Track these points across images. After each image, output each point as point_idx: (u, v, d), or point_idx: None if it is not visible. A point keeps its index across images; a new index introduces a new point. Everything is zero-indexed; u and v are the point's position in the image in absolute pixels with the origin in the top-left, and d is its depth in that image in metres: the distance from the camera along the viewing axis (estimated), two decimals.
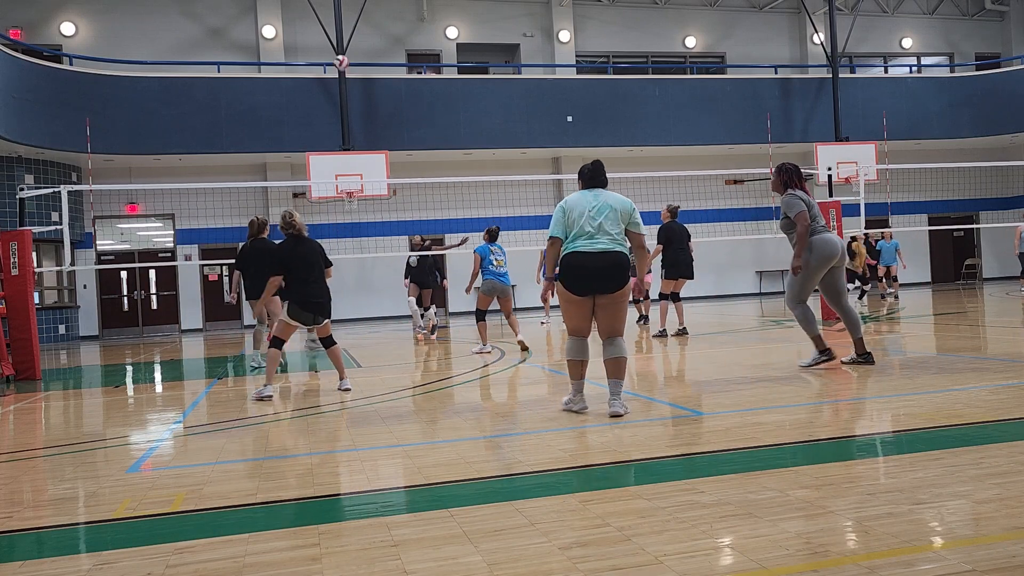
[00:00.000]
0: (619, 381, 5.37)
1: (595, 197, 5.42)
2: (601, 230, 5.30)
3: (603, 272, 5.24)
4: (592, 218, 5.32)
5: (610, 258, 5.26)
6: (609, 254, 5.26)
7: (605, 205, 5.37)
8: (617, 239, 5.32)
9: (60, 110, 18.27)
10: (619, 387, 5.36)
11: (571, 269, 5.31)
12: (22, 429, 6.53)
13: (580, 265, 5.27)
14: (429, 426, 5.45)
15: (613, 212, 5.35)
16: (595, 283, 5.28)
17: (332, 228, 21.74)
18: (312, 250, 7.45)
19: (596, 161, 5.65)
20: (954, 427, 4.50)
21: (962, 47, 27.53)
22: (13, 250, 10.38)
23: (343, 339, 15.39)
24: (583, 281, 5.29)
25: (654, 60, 25.34)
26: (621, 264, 5.28)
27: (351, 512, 3.54)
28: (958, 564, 2.51)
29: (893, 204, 22.71)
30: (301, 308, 7.33)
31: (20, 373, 10.16)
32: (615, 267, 5.26)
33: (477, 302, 10.86)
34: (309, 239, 7.53)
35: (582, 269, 5.27)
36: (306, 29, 21.77)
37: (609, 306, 5.34)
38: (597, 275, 5.25)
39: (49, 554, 3.19)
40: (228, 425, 5.94)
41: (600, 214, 5.33)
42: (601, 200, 5.39)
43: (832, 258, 7.06)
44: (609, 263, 5.25)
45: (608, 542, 2.89)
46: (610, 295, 5.30)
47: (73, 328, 20.46)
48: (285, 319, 7.37)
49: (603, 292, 5.30)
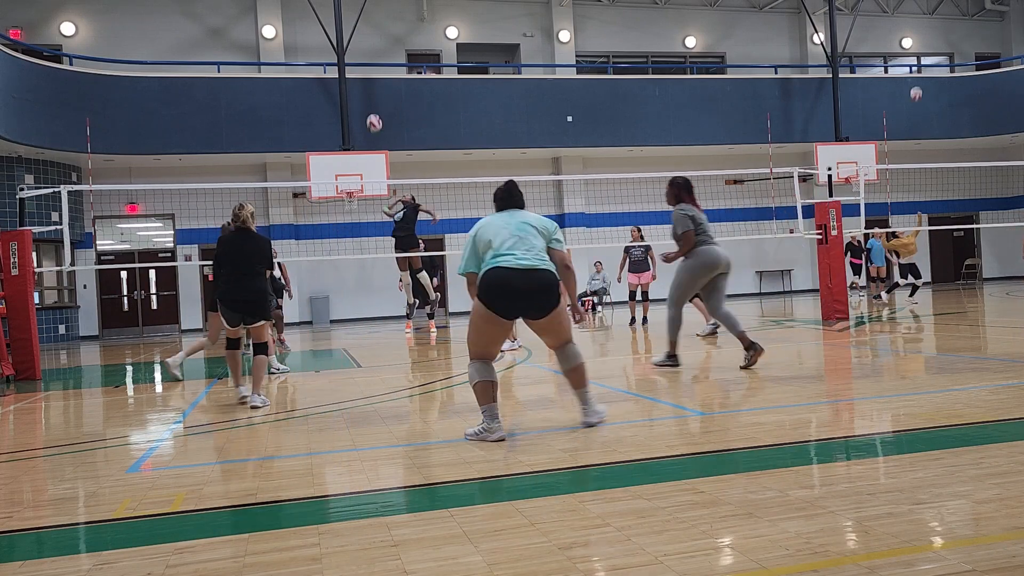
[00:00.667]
0: (585, 389, 5.05)
1: (511, 216, 4.96)
2: (523, 246, 4.80)
3: (532, 296, 4.75)
4: (512, 235, 4.83)
5: (538, 279, 4.74)
6: (537, 273, 4.74)
7: (523, 223, 4.91)
8: (542, 256, 4.83)
9: (60, 110, 18.27)
10: (586, 395, 5.05)
11: (494, 287, 4.72)
12: (22, 429, 6.53)
13: (505, 282, 4.71)
14: (429, 426, 5.45)
15: (533, 229, 4.90)
16: (522, 305, 4.77)
17: (332, 228, 21.74)
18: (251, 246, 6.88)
19: (509, 181, 5.17)
20: (954, 427, 4.50)
21: (962, 47, 27.54)
22: (13, 250, 10.38)
23: (343, 339, 15.40)
24: (508, 300, 4.73)
25: (654, 60, 25.34)
26: (550, 286, 4.80)
27: (351, 512, 3.54)
28: (958, 564, 2.51)
29: (893, 204, 22.70)
30: (226, 307, 6.88)
31: (20, 373, 10.16)
32: (544, 292, 4.77)
33: None
34: (255, 234, 6.99)
35: (507, 287, 4.70)
36: (306, 29, 21.77)
37: (547, 324, 4.90)
38: (525, 297, 4.74)
39: (49, 554, 3.19)
40: (228, 425, 5.94)
41: (520, 230, 4.86)
42: (518, 218, 4.94)
43: (715, 268, 7.56)
44: (537, 285, 4.74)
45: (608, 542, 2.89)
46: (546, 317, 4.87)
47: (73, 328, 20.46)
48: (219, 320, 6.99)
49: (532, 318, 4.87)
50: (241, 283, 6.80)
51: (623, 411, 5.88)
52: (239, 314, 6.85)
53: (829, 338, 10.26)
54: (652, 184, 21.78)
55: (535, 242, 4.86)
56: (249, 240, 6.90)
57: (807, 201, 16.06)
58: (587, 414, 5.04)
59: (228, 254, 6.89)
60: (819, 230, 13.23)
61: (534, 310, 4.83)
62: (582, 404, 5.06)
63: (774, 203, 21.93)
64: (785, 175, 18.22)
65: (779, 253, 25.05)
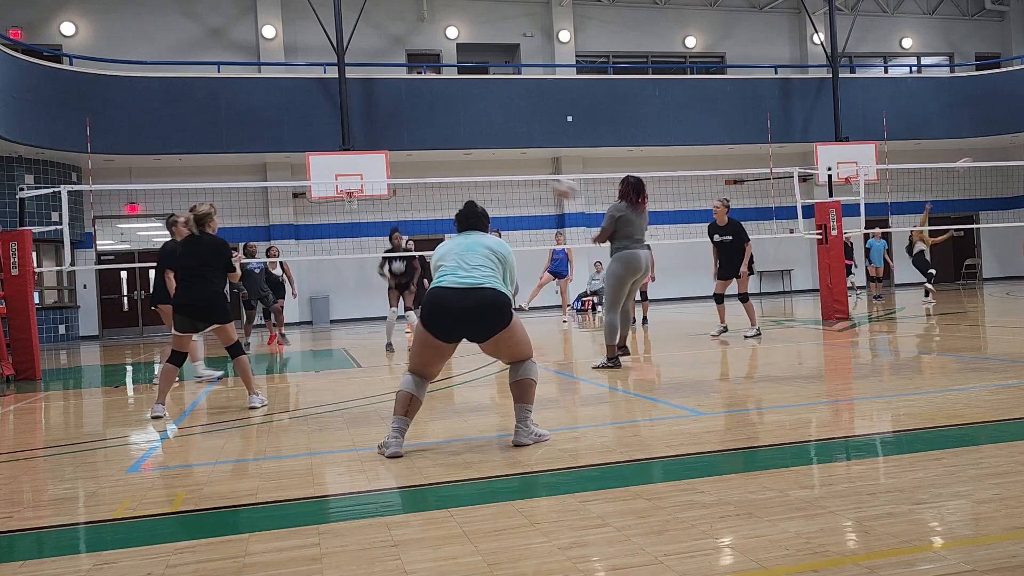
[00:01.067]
0: (525, 406, 4.56)
1: (466, 236, 4.71)
2: (468, 264, 4.50)
3: (470, 315, 4.40)
4: (459, 255, 4.56)
5: (478, 298, 4.40)
6: (477, 292, 4.41)
7: (475, 242, 4.62)
8: (489, 275, 4.48)
9: (60, 110, 18.27)
10: (525, 412, 4.55)
11: (431, 307, 4.46)
12: (22, 429, 6.53)
13: (441, 301, 4.43)
14: (429, 426, 5.45)
15: (486, 248, 4.59)
16: (460, 326, 4.43)
17: (332, 228, 21.74)
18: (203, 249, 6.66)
19: (468, 203, 4.89)
20: (954, 427, 4.50)
21: (962, 47, 27.54)
22: (13, 250, 10.38)
23: (343, 339, 15.40)
24: (444, 322, 4.43)
25: (654, 60, 25.34)
26: (492, 305, 4.42)
27: (351, 512, 3.54)
28: (958, 564, 2.51)
29: (893, 204, 22.70)
30: (177, 312, 6.65)
31: (20, 373, 10.16)
32: (484, 310, 4.41)
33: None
34: (209, 236, 6.76)
35: (443, 307, 4.42)
36: (306, 29, 21.77)
37: (494, 345, 4.54)
38: (463, 317, 4.40)
39: (49, 554, 3.19)
40: (228, 425, 5.94)
41: (469, 250, 4.57)
42: (473, 239, 4.66)
43: (638, 270, 7.99)
44: (476, 304, 4.39)
45: (608, 542, 2.89)
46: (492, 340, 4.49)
47: (73, 328, 20.46)
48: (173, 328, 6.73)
49: (473, 338, 4.50)
50: (191, 287, 6.59)
51: (623, 411, 5.89)
52: (188, 319, 6.60)
53: (829, 338, 10.26)
54: (652, 184, 21.74)
55: (482, 261, 4.53)
56: (204, 242, 6.71)
57: (807, 201, 16.05)
58: (518, 433, 4.55)
59: (180, 256, 6.77)
60: (819, 230, 13.24)
61: (475, 332, 4.47)
62: (516, 420, 4.56)
63: (774, 203, 21.91)
64: (785, 175, 18.23)
65: (779, 253, 25.04)
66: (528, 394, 4.58)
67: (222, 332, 6.70)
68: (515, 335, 4.55)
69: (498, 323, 4.46)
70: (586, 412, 5.86)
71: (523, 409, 4.57)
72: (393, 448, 4.46)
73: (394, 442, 4.48)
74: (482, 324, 4.45)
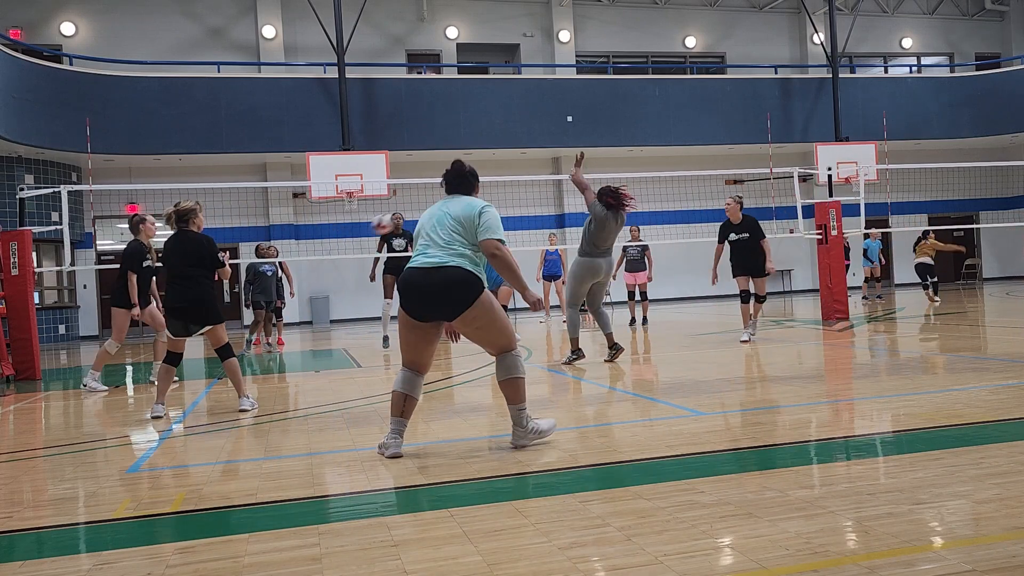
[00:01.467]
0: (518, 406, 4.46)
1: (441, 206, 4.58)
2: (433, 242, 4.45)
3: (435, 293, 4.35)
4: (431, 231, 4.50)
5: (440, 277, 4.35)
6: (440, 271, 4.35)
7: (443, 214, 4.50)
8: (456, 250, 4.40)
9: (60, 110, 18.27)
10: (519, 413, 4.46)
11: (403, 287, 4.47)
12: (22, 429, 6.53)
13: (408, 282, 4.43)
14: (429, 426, 5.45)
15: (452, 220, 4.46)
16: (428, 305, 4.40)
17: (332, 228, 21.74)
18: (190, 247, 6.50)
19: (454, 162, 4.76)
20: (954, 427, 4.50)
21: (962, 47, 27.54)
22: (13, 250, 10.37)
23: (343, 339, 15.40)
24: (414, 301, 4.41)
25: (654, 60, 25.34)
26: (455, 283, 4.35)
27: (351, 512, 3.54)
28: (958, 564, 2.51)
29: (893, 204, 22.70)
30: (168, 315, 6.55)
31: (20, 373, 10.16)
32: (450, 286, 4.34)
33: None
34: (194, 235, 6.58)
35: (409, 287, 4.42)
36: (306, 29, 21.77)
37: (467, 327, 4.47)
38: (429, 296, 4.37)
39: (49, 554, 3.19)
40: (228, 425, 5.94)
41: (438, 223, 4.48)
42: (443, 208, 4.54)
43: (597, 275, 8.60)
44: (439, 283, 4.34)
45: (608, 542, 2.89)
46: (460, 318, 4.42)
47: (73, 328, 20.45)
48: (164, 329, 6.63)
49: (442, 317, 4.46)
50: (180, 288, 6.45)
51: (623, 411, 5.88)
52: (181, 321, 6.47)
53: (829, 338, 10.26)
54: (652, 184, 21.79)
55: (451, 236, 4.43)
56: (188, 241, 6.53)
57: (807, 201, 16.06)
58: (516, 435, 4.48)
59: (168, 256, 6.56)
60: (819, 230, 13.24)
61: (445, 310, 4.41)
62: (513, 423, 4.49)
63: (774, 203, 21.89)
64: (785, 175, 18.22)
65: (779, 253, 24.94)
66: (518, 393, 4.48)
67: (212, 334, 6.56)
68: (487, 315, 4.43)
69: (464, 299, 4.36)
70: (586, 412, 5.86)
71: (517, 410, 4.48)
72: (393, 449, 4.45)
73: (393, 443, 4.47)
74: (449, 301, 4.37)
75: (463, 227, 4.44)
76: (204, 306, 6.48)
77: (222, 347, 6.62)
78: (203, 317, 6.50)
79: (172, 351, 6.63)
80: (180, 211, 6.59)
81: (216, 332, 6.56)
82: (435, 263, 4.38)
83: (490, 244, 4.42)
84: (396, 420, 4.52)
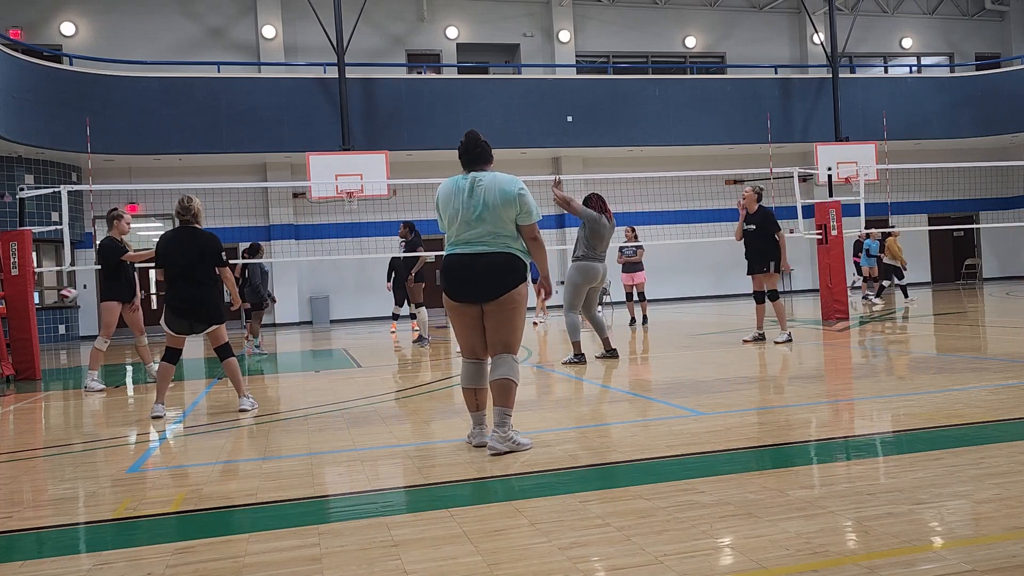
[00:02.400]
0: (504, 409, 4.43)
1: (471, 191, 4.50)
2: (474, 229, 4.46)
3: (482, 274, 4.43)
4: (466, 222, 4.48)
5: (490, 259, 4.44)
6: (490, 255, 4.44)
7: (480, 202, 4.45)
8: (497, 235, 4.45)
9: (60, 110, 18.27)
10: (504, 416, 4.43)
11: (447, 272, 4.54)
12: (22, 429, 6.53)
13: (452, 269, 4.51)
14: (429, 426, 5.45)
15: (491, 204, 4.44)
16: (472, 286, 4.46)
17: (332, 228, 21.74)
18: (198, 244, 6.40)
19: (469, 133, 4.68)
20: (954, 427, 4.50)
21: (962, 47, 27.54)
22: (13, 250, 10.37)
23: (343, 339, 15.40)
24: (460, 284, 4.49)
25: (654, 60, 25.34)
26: (506, 266, 4.44)
27: (351, 512, 3.54)
28: (958, 564, 2.51)
29: (893, 204, 22.69)
30: (172, 313, 6.40)
31: (20, 373, 10.15)
32: (499, 269, 4.43)
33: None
34: (201, 232, 6.51)
35: (457, 271, 4.49)
36: (306, 29, 21.77)
37: (495, 313, 4.47)
38: (475, 277, 4.44)
39: (49, 554, 3.19)
40: (228, 425, 5.94)
41: (472, 211, 4.46)
42: (477, 196, 4.47)
43: (594, 279, 8.76)
44: (488, 264, 4.43)
45: (608, 542, 2.89)
46: (495, 301, 4.46)
47: (73, 328, 20.45)
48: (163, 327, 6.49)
49: (486, 299, 4.47)
50: (187, 287, 6.34)
51: (622, 411, 5.88)
52: (186, 320, 6.38)
53: (829, 338, 10.25)
54: (652, 184, 21.78)
55: (489, 227, 4.45)
56: (196, 238, 6.44)
57: (807, 201, 16.05)
58: (495, 438, 4.41)
59: (172, 254, 6.39)
60: (819, 230, 13.24)
61: (483, 292, 4.45)
62: (495, 425, 4.44)
63: (774, 203, 21.85)
64: (785, 175, 18.21)
65: None
66: (509, 396, 4.46)
67: (214, 333, 6.50)
68: (518, 306, 4.51)
69: (505, 284, 4.45)
70: (586, 412, 5.87)
71: (502, 413, 4.44)
72: (478, 439, 4.61)
73: (478, 431, 4.63)
74: (495, 282, 4.43)
75: (503, 210, 4.45)
76: (210, 306, 6.42)
77: (221, 346, 6.55)
78: (208, 317, 6.43)
79: (171, 347, 6.51)
80: (195, 210, 6.49)
81: (218, 332, 6.51)
82: (483, 250, 4.45)
83: (532, 229, 4.51)
84: (475, 415, 4.65)
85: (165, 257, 6.42)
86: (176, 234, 6.45)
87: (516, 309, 4.50)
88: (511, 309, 4.48)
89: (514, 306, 4.48)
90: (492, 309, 4.48)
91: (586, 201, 8.81)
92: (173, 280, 6.35)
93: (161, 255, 6.44)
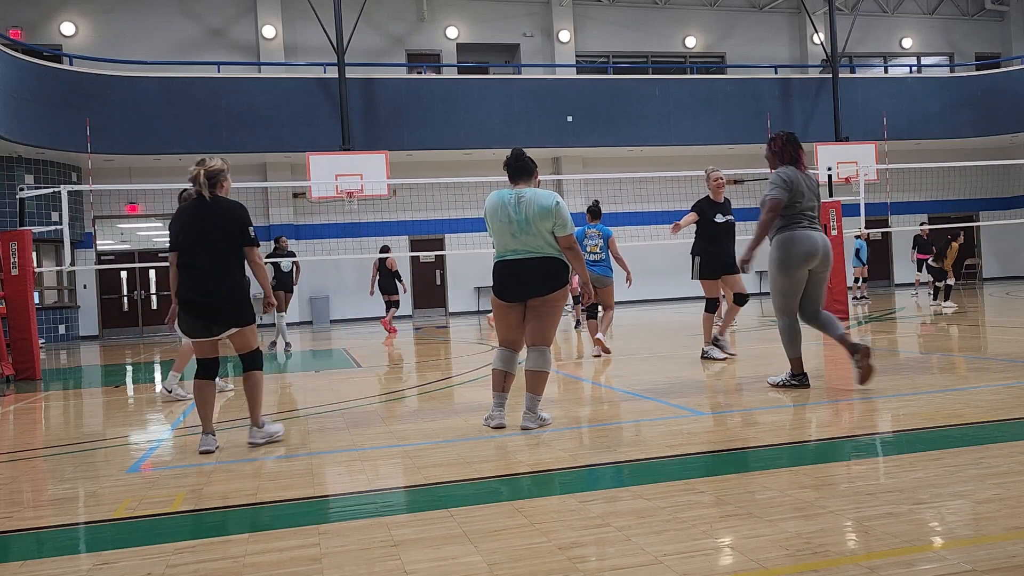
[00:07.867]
0: (536, 397, 5.06)
1: (516, 207, 4.99)
2: (520, 243, 4.99)
3: (532, 275, 4.97)
4: (512, 235, 5.00)
5: (534, 265, 4.98)
6: (538, 259, 4.98)
7: (524, 217, 4.95)
8: (540, 245, 4.98)
9: (60, 110, 18.27)
10: (534, 402, 5.05)
11: (497, 276, 5.09)
12: (22, 429, 6.53)
13: (504, 272, 5.06)
14: (429, 426, 5.45)
15: (534, 218, 4.93)
16: (522, 287, 5.00)
17: (332, 228, 21.74)
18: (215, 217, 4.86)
19: (515, 151, 5.22)
20: (954, 427, 4.50)
21: (962, 47, 27.54)
22: (13, 250, 10.37)
23: (343, 339, 15.39)
24: (509, 287, 5.03)
25: (654, 60, 25.34)
26: (548, 268, 4.98)
27: (351, 512, 3.54)
28: (958, 564, 2.51)
29: (893, 204, 22.70)
30: (184, 311, 4.88)
31: (20, 373, 10.15)
32: (548, 271, 4.98)
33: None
34: (219, 198, 4.95)
35: (506, 276, 5.04)
36: (306, 29, 21.77)
37: (539, 307, 5.01)
38: (526, 279, 4.98)
39: (49, 554, 3.19)
40: (228, 425, 5.94)
41: (521, 229, 4.97)
42: (521, 210, 4.96)
43: (812, 257, 5.94)
44: (539, 267, 4.97)
45: (608, 542, 2.89)
46: (541, 298, 5.00)
47: (73, 328, 20.45)
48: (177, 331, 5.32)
49: (534, 295, 5.00)
50: (196, 274, 4.83)
51: (622, 411, 5.88)
52: (201, 320, 4.84)
53: (829, 338, 10.23)
54: (652, 184, 21.78)
55: (534, 239, 4.97)
56: (211, 208, 4.89)
57: None
58: (527, 418, 5.04)
59: (182, 232, 4.91)
60: None
61: (532, 290, 4.99)
62: (526, 407, 5.06)
63: None
64: None
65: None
66: (541, 384, 5.06)
67: (239, 337, 4.95)
68: (557, 305, 5.05)
69: (554, 282, 4.99)
70: (585, 412, 5.86)
71: (533, 399, 5.04)
72: (497, 419, 5.09)
73: (497, 414, 5.11)
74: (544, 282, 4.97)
75: (542, 223, 4.96)
76: (233, 300, 4.86)
77: (248, 354, 5.02)
78: (230, 316, 4.87)
79: (201, 358, 4.96)
80: (209, 171, 4.92)
81: (244, 335, 4.96)
82: (530, 256, 4.99)
83: (568, 239, 5.01)
84: (498, 395, 5.14)
85: (175, 237, 4.96)
86: (188, 206, 5.01)
87: (556, 308, 5.06)
88: (552, 307, 5.04)
89: (555, 305, 5.04)
90: (536, 304, 5.02)
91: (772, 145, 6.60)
92: (184, 267, 4.87)
93: (171, 234, 5.00)
